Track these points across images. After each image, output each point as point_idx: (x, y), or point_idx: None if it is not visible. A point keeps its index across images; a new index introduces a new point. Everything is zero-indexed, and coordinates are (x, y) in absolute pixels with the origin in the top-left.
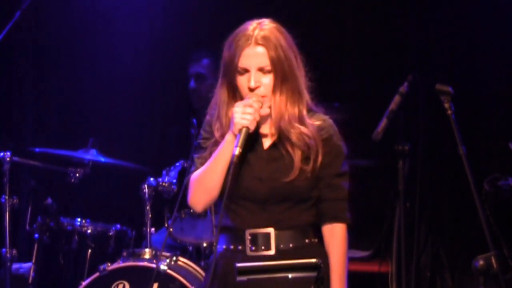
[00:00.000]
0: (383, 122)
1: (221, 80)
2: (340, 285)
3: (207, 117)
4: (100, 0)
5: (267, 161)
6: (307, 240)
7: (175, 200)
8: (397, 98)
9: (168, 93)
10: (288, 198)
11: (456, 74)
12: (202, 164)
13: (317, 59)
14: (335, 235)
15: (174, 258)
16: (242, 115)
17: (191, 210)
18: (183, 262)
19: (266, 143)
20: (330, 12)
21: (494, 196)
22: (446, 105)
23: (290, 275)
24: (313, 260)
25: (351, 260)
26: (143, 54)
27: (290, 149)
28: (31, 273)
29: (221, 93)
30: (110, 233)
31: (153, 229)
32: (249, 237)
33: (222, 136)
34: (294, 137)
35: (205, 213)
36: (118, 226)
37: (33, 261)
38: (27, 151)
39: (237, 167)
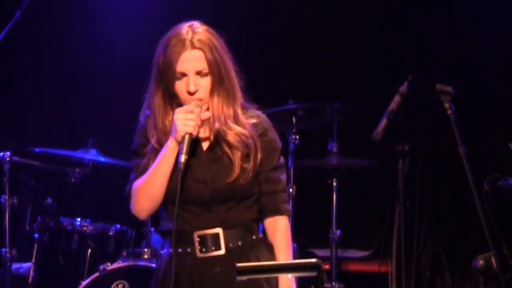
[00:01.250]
0: (383, 122)
1: (154, 85)
2: (288, 279)
3: (140, 124)
4: (100, 0)
5: (208, 163)
6: (254, 237)
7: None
8: (397, 98)
9: None
10: (231, 198)
11: (456, 74)
12: (142, 171)
13: (317, 59)
14: (277, 228)
15: None
16: (184, 121)
17: None
18: None
19: (205, 145)
20: (330, 12)
21: (494, 196)
22: (446, 105)
23: (290, 275)
24: (313, 260)
25: (351, 260)
26: (142, 54)
27: (228, 150)
28: (31, 273)
29: (155, 99)
30: (110, 233)
31: (152, 229)
32: (198, 239)
33: (158, 142)
34: (231, 138)
35: None
36: (118, 226)
37: (33, 261)
38: (27, 151)
39: (184, 173)
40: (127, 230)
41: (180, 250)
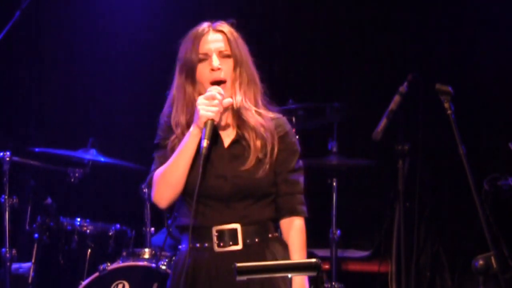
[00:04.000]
0: (383, 122)
1: (178, 78)
2: (302, 279)
3: (162, 119)
4: (100, 0)
5: (229, 158)
6: (270, 235)
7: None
8: (397, 98)
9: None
10: (251, 194)
11: (456, 74)
12: (162, 162)
13: (317, 59)
14: (293, 228)
15: (174, 258)
16: (206, 107)
17: None
18: None
19: (227, 141)
20: (330, 12)
21: (494, 196)
22: (446, 105)
23: (289, 275)
24: (313, 260)
25: (351, 260)
26: (142, 54)
27: (247, 135)
28: (31, 273)
29: (178, 91)
30: (110, 233)
31: (152, 228)
32: (216, 234)
33: (183, 133)
34: (252, 120)
35: None
36: (118, 226)
37: (33, 261)
38: (27, 151)
39: (205, 159)
40: (127, 230)
41: (198, 244)
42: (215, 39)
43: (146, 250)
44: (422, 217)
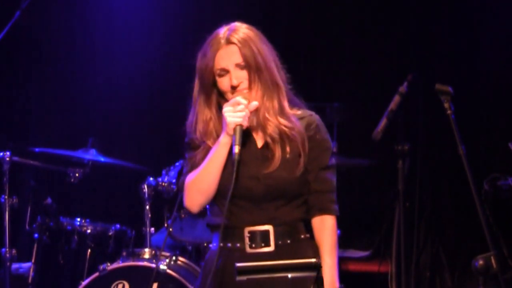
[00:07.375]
0: (383, 122)
1: (198, 88)
2: (332, 277)
3: (191, 118)
4: (100, 0)
5: (262, 160)
6: (302, 236)
7: (174, 199)
8: (396, 98)
9: (168, 93)
10: (282, 195)
11: (456, 74)
12: (195, 165)
13: (317, 59)
14: (324, 226)
15: (174, 258)
16: (233, 113)
17: None
18: (182, 262)
19: (260, 142)
20: (331, 12)
21: (494, 196)
22: (446, 105)
23: (289, 275)
24: (313, 260)
25: (351, 260)
26: (142, 54)
27: (270, 141)
28: (31, 273)
29: (199, 101)
30: (110, 233)
31: (152, 229)
32: (248, 235)
33: (213, 142)
34: (270, 129)
35: (205, 213)
36: (118, 226)
37: (33, 261)
38: (27, 151)
39: (239, 165)
40: (127, 230)
41: (229, 244)
42: (229, 52)
43: (146, 250)
44: (422, 217)
